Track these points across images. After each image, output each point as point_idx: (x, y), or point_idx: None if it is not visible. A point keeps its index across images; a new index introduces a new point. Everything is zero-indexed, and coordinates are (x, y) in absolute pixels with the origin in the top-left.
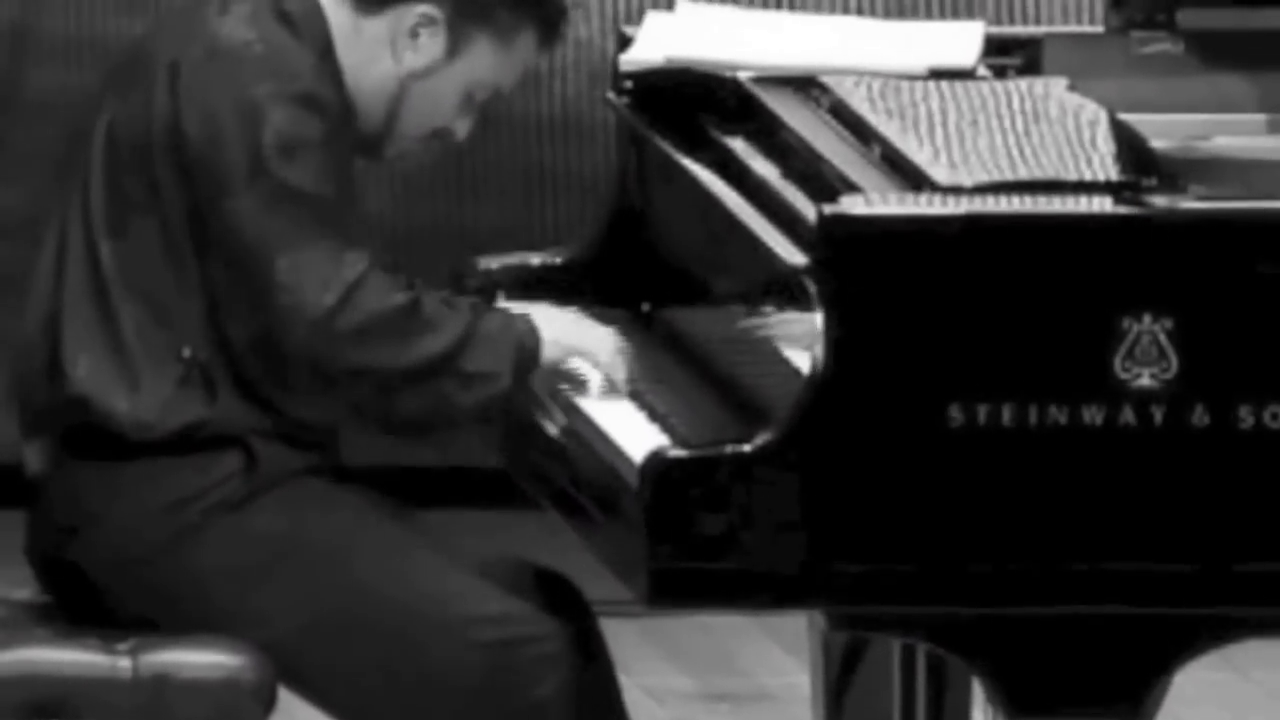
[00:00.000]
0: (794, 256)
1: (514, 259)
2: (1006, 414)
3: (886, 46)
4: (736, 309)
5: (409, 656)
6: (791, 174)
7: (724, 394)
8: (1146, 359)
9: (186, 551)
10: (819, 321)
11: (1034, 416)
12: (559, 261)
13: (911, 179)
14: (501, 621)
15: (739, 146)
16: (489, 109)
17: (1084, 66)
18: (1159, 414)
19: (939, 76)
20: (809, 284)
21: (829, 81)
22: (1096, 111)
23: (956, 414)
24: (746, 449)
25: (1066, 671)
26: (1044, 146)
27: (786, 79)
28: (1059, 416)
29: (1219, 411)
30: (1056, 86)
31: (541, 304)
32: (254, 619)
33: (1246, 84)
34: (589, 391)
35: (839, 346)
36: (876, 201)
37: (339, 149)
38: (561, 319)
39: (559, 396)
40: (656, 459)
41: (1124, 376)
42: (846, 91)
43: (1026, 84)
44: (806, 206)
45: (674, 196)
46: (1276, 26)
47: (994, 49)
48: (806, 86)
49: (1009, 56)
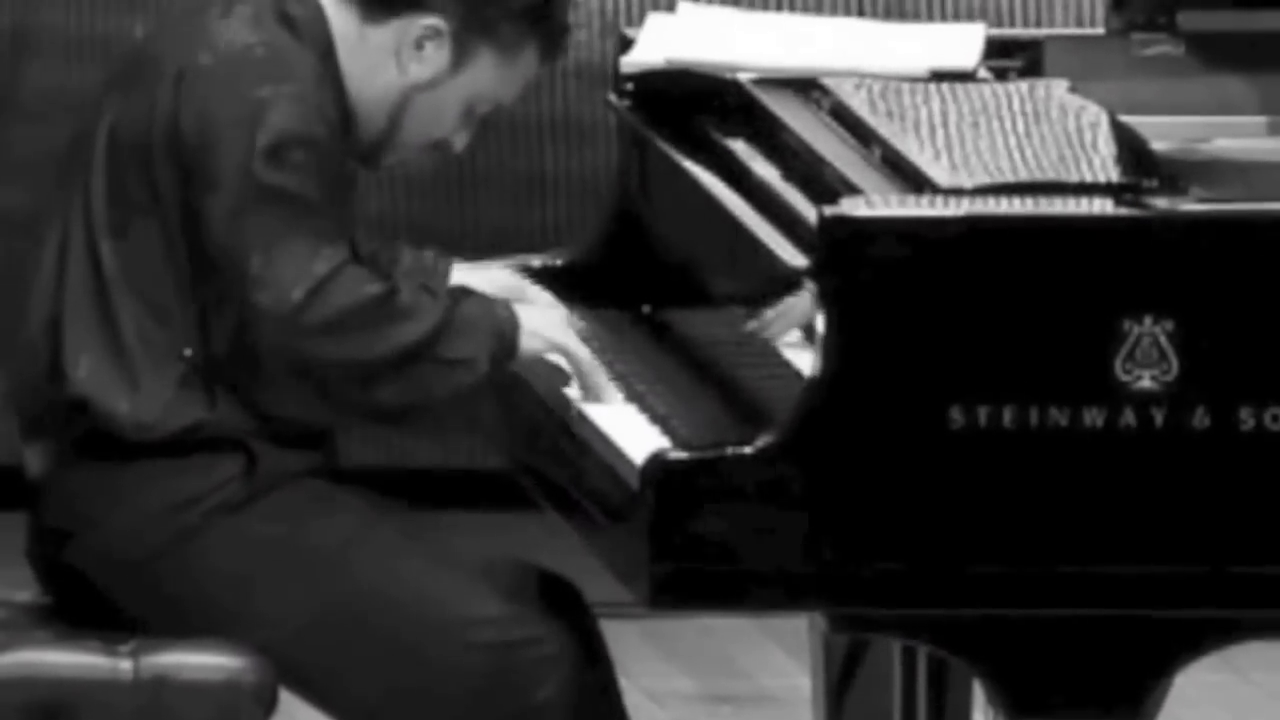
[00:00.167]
0: (795, 258)
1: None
2: (1007, 416)
3: (887, 48)
4: (737, 311)
5: (409, 658)
6: (792, 176)
7: (725, 396)
8: (1147, 361)
9: (187, 553)
10: (820, 323)
11: (1034, 418)
12: (559, 263)
13: (912, 181)
14: (502, 623)
15: (740, 148)
16: (491, 112)
17: (1085, 68)
18: (1160, 416)
19: (940, 78)
20: (810, 285)
21: (830, 83)
22: (1097, 113)
23: (957, 415)
24: (747, 451)
25: (1067, 673)
26: (1045, 148)
27: (787, 81)
28: (1059, 418)
29: (1220, 413)
30: (1057, 88)
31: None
32: (255, 621)
33: (1247, 86)
34: (589, 393)
35: (840, 348)
36: (877, 203)
37: (334, 152)
38: (547, 313)
39: (560, 398)
40: (657, 461)
41: (1125, 378)
42: (847, 93)
43: (1027, 86)
44: (807, 208)
45: (675, 198)
46: (1277, 28)
47: (995, 51)
48: (807, 88)
49: (1010, 58)
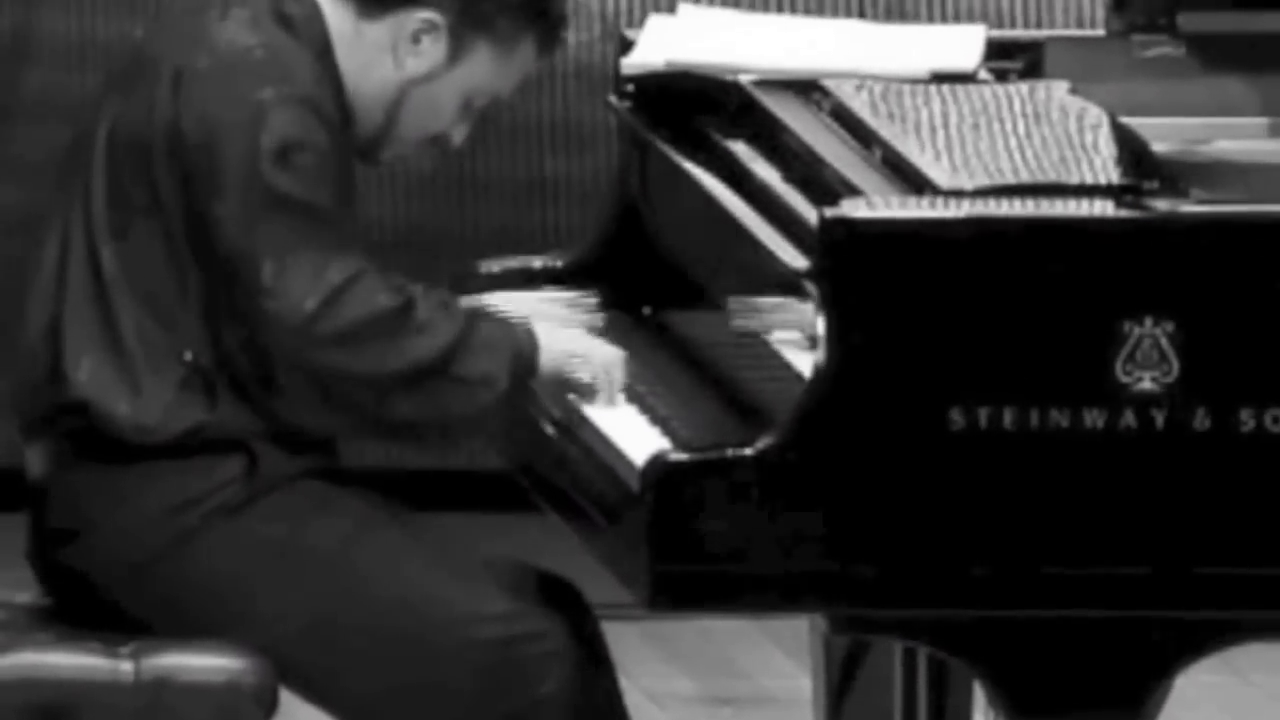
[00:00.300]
0: (795, 260)
1: (515, 262)
2: (1008, 417)
3: (888, 50)
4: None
5: (410, 656)
6: (793, 177)
7: (726, 397)
8: (1148, 362)
9: (188, 555)
10: (820, 325)
11: (1035, 420)
12: (560, 265)
13: (913, 182)
14: (503, 619)
15: (740, 150)
16: (491, 113)
17: (1085, 70)
18: (1160, 417)
19: (940, 80)
20: (810, 287)
21: (830, 85)
22: (1098, 115)
23: (958, 417)
24: (748, 452)
25: (1068, 674)
26: (1045, 150)
27: (788, 82)
28: (1060, 420)
29: (1220, 415)
30: (1058, 90)
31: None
32: (255, 622)
33: (1247, 87)
34: (591, 396)
35: (840, 349)
36: (878, 204)
37: (338, 154)
38: (563, 333)
39: (561, 400)
40: (658, 462)
41: (1125, 380)
42: (848, 95)
43: (1028, 87)
44: (808, 210)
45: (675, 200)
46: (1277, 30)
47: (995, 53)
48: (808, 90)
49: (1010, 60)
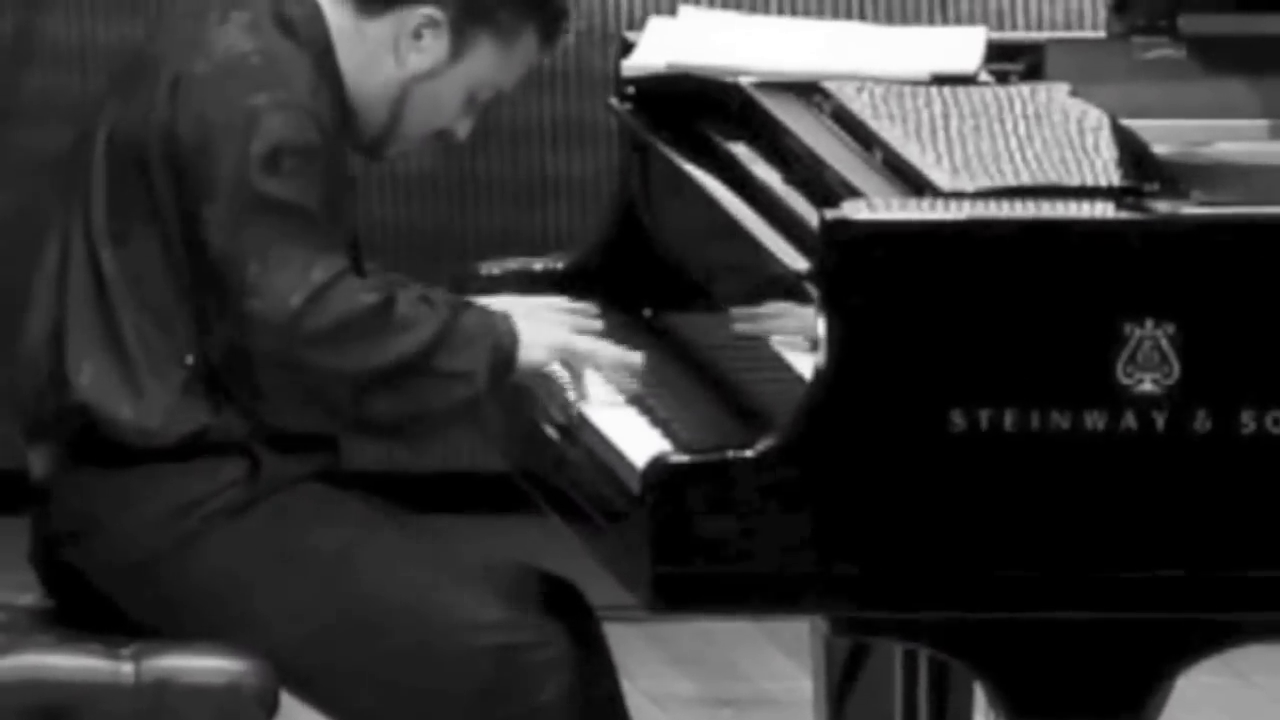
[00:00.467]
0: (796, 261)
1: (516, 264)
2: (1008, 419)
3: (888, 52)
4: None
5: (412, 661)
6: (794, 179)
7: (727, 399)
8: (1148, 364)
9: (189, 557)
10: (821, 326)
11: (1036, 422)
12: (561, 266)
13: (914, 184)
14: (504, 627)
15: (741, 152)
16: (492, 115)
17: (1086, 72)
18: (1161, 419)
19: (941, 82)
20: (811, 289)
21: (831, 87)
22: (1098, 117)
23: (958, 419)
24: (749, 454)
25: (1069, 676)
26: (1046, 152)
27: (789, 84)
28: (1061, 422)
29: (1221, 417)
30: (1058, 92)
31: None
32: (256, 625)
33: (1248, 89)
34: (591, 396)
35: (841, 351)
36: (879, 206)
37: (331, 161)
38: (546, 322)
39: (562, 401)
40: (659, 464)
41: (1126, 382)
42: (849, 97)
43: (1029, 89)
44: (809, 211)
45: (676, 202)
46: (1278, 31)
47: (996, 54)
48: (809, 92)
49: (1011, 62)
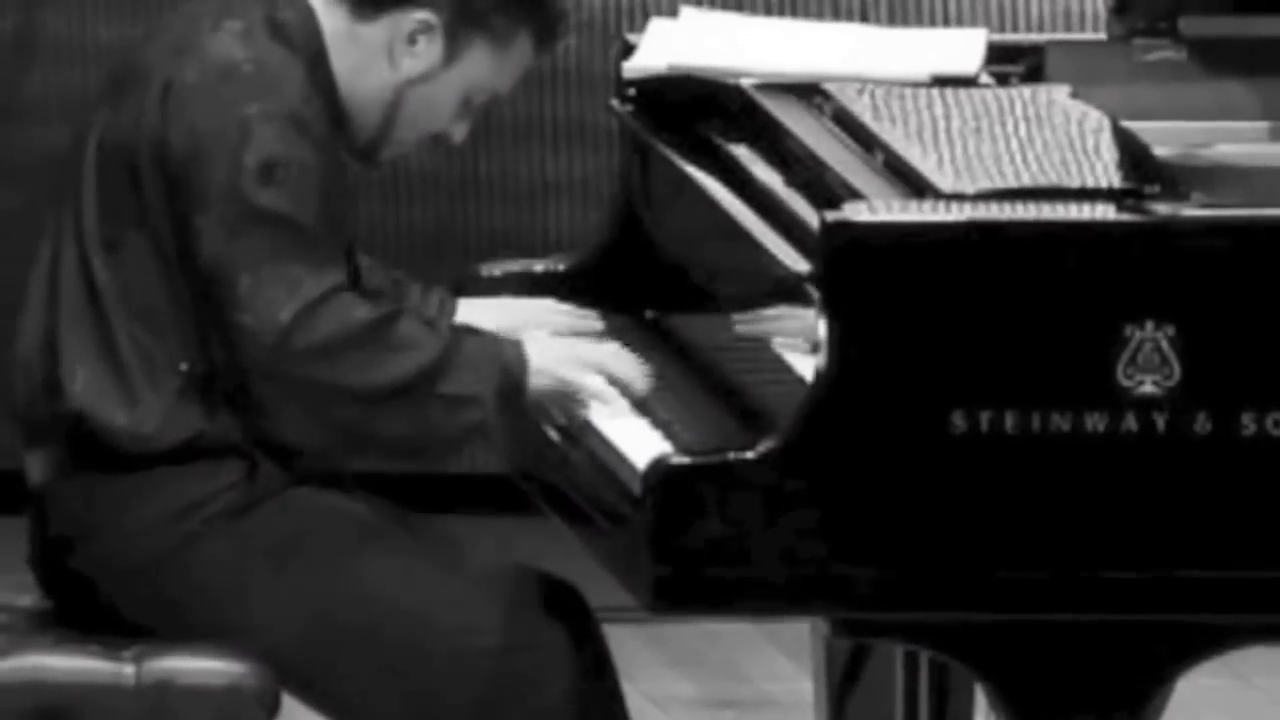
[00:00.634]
0: (797, 263)
1: (517, 265)
2: (1009, 421)
3: (889, 54)
4: (738, 316)
5: (412, 663)
6: (795, 181)
7: (727, 401)
8: (1149, 366)
9: (189, 559)
10: (822, 328)
11: (1036, 423)
12: (562, 268)
13: (914, 186)
14: (505, 629)
15: (742, 153)
16: (493, 116)
17: (1086, 74)
18: (1161, 421)
19: (942, 84)
20: (812, 290)
21: (832, 89)
22: (1099, 119)
23: (959, 421)
24: (750, 456)
25: (1069, 677)
26: (1046, 153)
27: (790, 86)
28: (1061, 424)
29: (1221, 419)
30: (1059, 94)
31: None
32: (257, 626)
33: (1249, 91)
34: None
35: (842, 353)
36: (880, 208)
37: (324, 171)
38: (555, 348)
39: (563, 403)
40: (660, 465)
41: (1126, 384)
42: (849, 99)
43: (1029, 91)
44: (810, 213)
45: (677, 203)
46: (1278, 34)
47: (997, 56)
48: (810, 94)
49: (1012, 64)
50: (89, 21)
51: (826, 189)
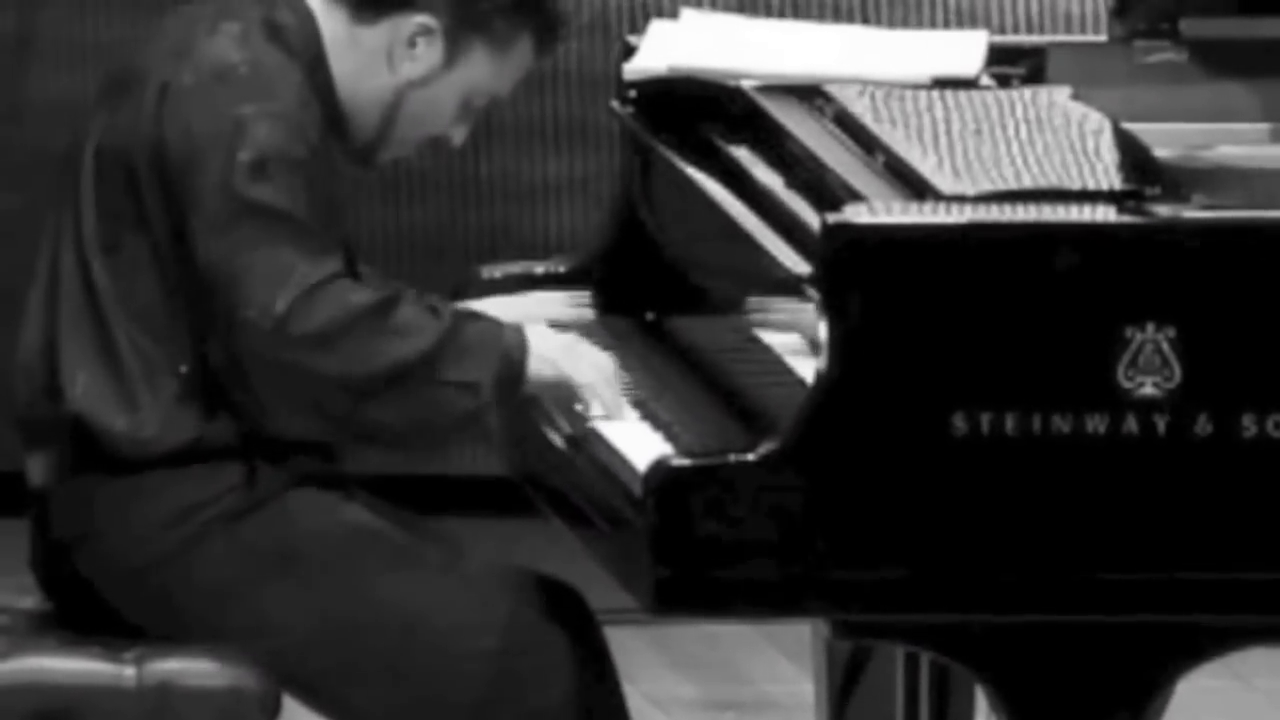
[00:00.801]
0: (798, 265)
1: (517, 267)
2: (1010, 423)
3: (890, 56)
4: (740, 318)
5: (413, 665)
6: (796, 183)
7: (728, 403)
8: (1150, 368)
9: (190, 561)
10: (823, 330)
11: (1037, 425)
12: (563, 270)
13: (915, 188)
14: (506, 630)
15: (743, 155)
16: (493, 117)
17: (1087, 76)
18: (1162, 423)
19: (942, 86)
20: (813, 292)
21: (833, 90)
22: (1100, 120)
23: (960, 423)
24: (751, 458)
25: (1070, 679)
26: (1047, 155)
27: (790, 88)
28: (1062, 425)
29: (1222, 420)
30: (1060, 96)
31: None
32: (258, 628)
33: (1250, 93)
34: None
35: (843, 355)
36: (880, 210)
37: (319, 171)
38: (557, 339)
39: (565, 405)
40: (661, 467)
41: (1127, 385)
42: (850, 100)
43: (1030, 93)
44: (810, 215)
45: (678, 205)
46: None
47: (997, 58)
48: (810, 95)
49: (1013, 66)
50: (89, 22)
51: (827, 191)
